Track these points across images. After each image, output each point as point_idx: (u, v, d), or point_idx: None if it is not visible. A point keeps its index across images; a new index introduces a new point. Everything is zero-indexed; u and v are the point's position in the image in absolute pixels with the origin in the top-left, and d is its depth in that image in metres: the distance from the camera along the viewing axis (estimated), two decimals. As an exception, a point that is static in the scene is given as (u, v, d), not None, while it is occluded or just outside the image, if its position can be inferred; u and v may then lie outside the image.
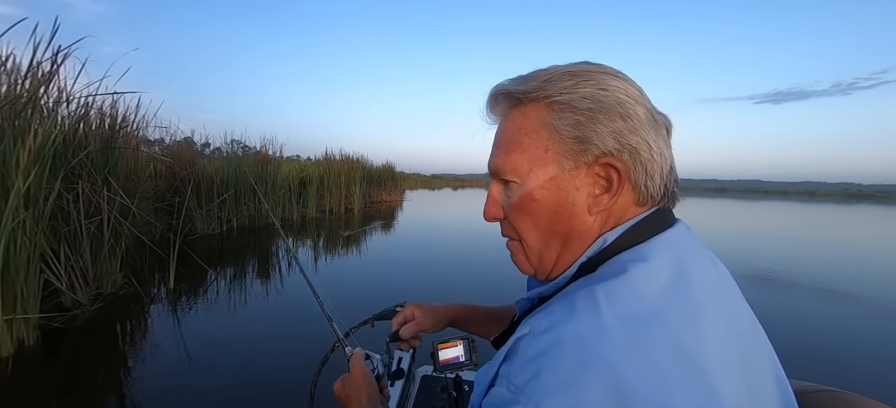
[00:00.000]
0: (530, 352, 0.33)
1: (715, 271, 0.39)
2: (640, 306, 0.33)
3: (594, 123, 0.38)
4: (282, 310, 3.28)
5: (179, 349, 2.46)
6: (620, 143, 0.38)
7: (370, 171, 13.60)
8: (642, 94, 0.40)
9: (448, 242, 7.12)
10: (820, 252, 7.66)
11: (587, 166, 0.39)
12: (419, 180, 44.73)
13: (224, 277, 4.14)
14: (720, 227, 11.51)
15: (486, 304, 0.82)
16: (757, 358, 0.37)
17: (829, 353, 2.82)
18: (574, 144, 0.39)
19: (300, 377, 2.10)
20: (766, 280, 4.74)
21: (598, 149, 0.38)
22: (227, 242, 6.10)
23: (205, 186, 6.41)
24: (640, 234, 0.38)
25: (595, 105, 0.38)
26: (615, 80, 0.39)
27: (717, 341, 0.33)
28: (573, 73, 0.39)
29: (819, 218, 17.30)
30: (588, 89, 0.38)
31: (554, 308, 0.36)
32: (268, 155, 8.28)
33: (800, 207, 26.73)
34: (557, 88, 0.39)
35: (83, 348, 2.41)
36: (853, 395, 0.42)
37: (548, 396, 0.30)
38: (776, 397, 0.36)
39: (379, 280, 4.32)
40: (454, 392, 0.81)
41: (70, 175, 2.97)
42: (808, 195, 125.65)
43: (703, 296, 0.35)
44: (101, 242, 3.10)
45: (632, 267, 0.35)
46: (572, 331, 0.32)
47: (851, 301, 4.08)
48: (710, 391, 0.30)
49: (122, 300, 3.13)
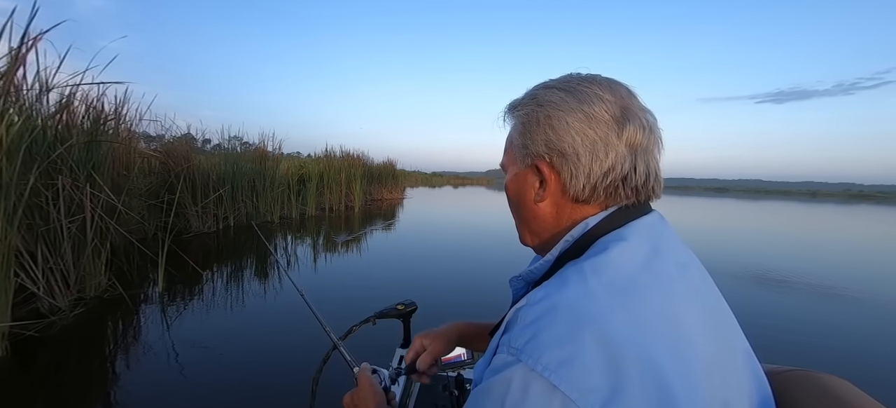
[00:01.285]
0: (528, 318, 0.37)
1: (685, 252, 0.45)
2: (622, 276, 0.38)
3: (531, 134, 0.47)
4: (279, 312, 3.08)
5: (168, 357, 2.27)
6: (549, 148, 0.46)
7: (371, 168, 13.42)
8: (604, 105, 0.45)
9: (455, 244, 6.91)
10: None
11: (528, 167, 0.49)
12: (420, 178, 44.58)
13: (218, 277, 3.93)
14: (723, 227, 11.32)
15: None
16: (726, 329, 0.42)
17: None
18: (521, 150, 0.49)
19: (299, 390, 1.93)
20: (767, 281, 4.59)
21: (533, 153, 0.47)
22: (223, 241, 5.90)
23: (200, 182, 6.20)
24: (618, 219, 0.44)
25: (531, 121, 0.47)
26: (560, 95, 0.46)
27: (687, 302, 0.39)
28: (533, 95, 0.49)
29: (839, 221, 17.09)
30: (531, 108, 0.48)
31: (547, 283, 0.41)
32: (266, 151, 8.07)
33: (803, 208, 26.55)
34: (521, 104, 0.50)
35: (60, 359, 2.20)
36: (816, 373, 0.45)
37: (545, 351, 0.34)
38: (744, 367, 0.41)
39: (379, 281, 4.15)
40: (455, 391, 0.82)
41: (50, 170, 2.76)
42: (810, 195, 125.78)
43: (673, 269, 0.41)
44: (84, 243, 2.89)
45: (613, 246, 0.41)
46: (565, 296, 0.37)
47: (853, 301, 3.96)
48: (684, 338, 0.36)
49: (107, 305, 2.92)
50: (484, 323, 0.81)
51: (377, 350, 1.01)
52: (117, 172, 3.93)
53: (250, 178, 7.39)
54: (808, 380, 0.44)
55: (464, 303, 3.52)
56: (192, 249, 5.21)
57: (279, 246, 5.87)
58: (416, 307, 1.00)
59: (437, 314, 3.29)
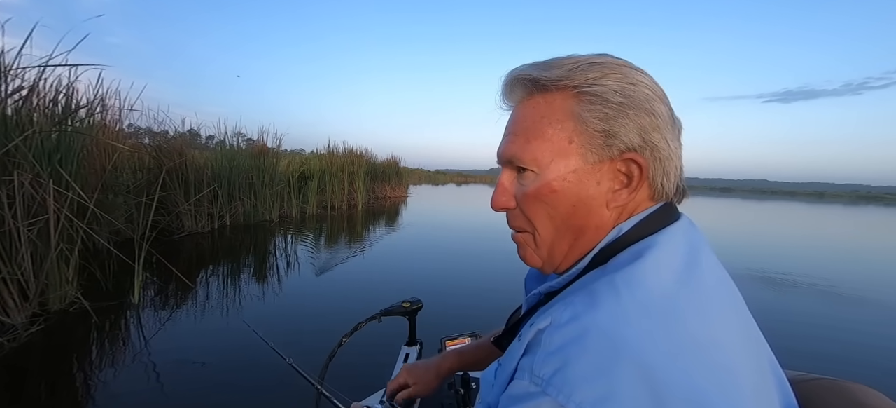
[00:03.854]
0: (554, 343, 0.32)
1: (717, 264, 0.39)
2: (658, 292, 0.33)
3: (622, 118, 0.37)
4: (278, 327, 2.69)
5: (146, 378, 1.95)
6: (644, 139, 0.38)
7: (374, 165, 13.04)
8: (664, 92, 0.40)
9: (462, 241, 6.51)
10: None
11: (610, 161, 0.39)
12: (423, 175, 44.29)
13: (209, 283, 3.54)
14: (734, 227, 10.88)
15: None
16: (757, 344, 0.37)
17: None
18: (600, 138, 0.38)
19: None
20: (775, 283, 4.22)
21: (623, 144, 0.38)
22: (218, 241, 5.51)
23: (194, 178, 5.81)
24: (651, 225, 0.39)
25: (625, 99, 0.37)
26: (642, 75, 0.39)
27: (728, 323, 0.34)
28: (600, 64, 0.38)
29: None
30: (617, 82, 0.38)
31: (573, 299, 0.35)
32: (266, 146, 7.67)
33: (814, 210, 26.05)
34: (587, 79, 0.38)
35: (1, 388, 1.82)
36: (844, 381, 0.42)
37: (579, 386, 0.30)
38: (774, 384, 0.36)
39: (385, 278, 3.89)
40: (461, 389, 0.81)
41: (4, 164, 2.37)
42: (817, 196, 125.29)
43: (712, 281, 0.36)
44: (47, 248, 2.50)
45: (647, 254, 0.35)
46: (596, 320, 0.32)
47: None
48: (727, 365, 0.31)
49: (73, 320, 2.52)
50: (484, 343, 0.75)
51: (382, 349, 1.03)
52: (97, 168, 3.54)
53: (248, 174, 7.01)
54: (835, 390, 0.41)
55: (471, 300, 3.41)
56: (184, 250, 4.84)
57: (278, 245, 5.49)
58: (421, 305, 0.99)
59: (444, 313, 3.04)
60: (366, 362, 1.87)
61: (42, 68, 2.70)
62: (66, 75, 2.98)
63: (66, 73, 2.96)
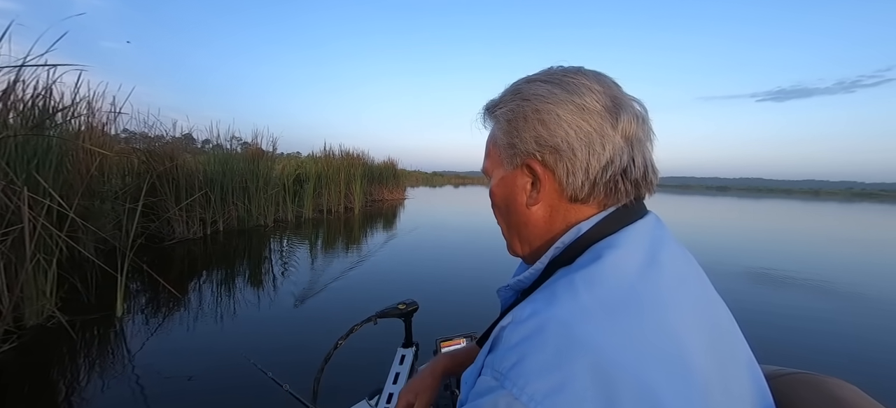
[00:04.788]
0: (513, 339, 0.34)
1: (684, 259, 0.41)
2: (616, 289, 0.34)
3: (519, 131, 0.43)
4: (274, 337, 2.56)
5: (127, 396, 1.83)
6: (541, 145, 0.42)
7: (371, 167, 12.89)
8: (594, 96, 0.41)
9: (461, 241, 6.37)
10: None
11: (517, 167, 0.44)
12: (421, 177, 44.15)
13: (198, 291, 3.39)
14: (729, 226, 10.83)
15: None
16: (728, 340, 0.39)
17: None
18: (508, 149, 0.45)
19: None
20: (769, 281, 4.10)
21: (523, 152, 0.43)
22: (210, 248, 5.35)
23: (185, 183, 5.65)
24: (612, 224, 0.41)
25: (518, 117, 0.43)
26: (546, 88, 0.42)
27: (686, 320, 0.35)
28: (515, 90, 0.45)
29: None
30: (515, 104, 0.44)
31: (535, 297, 0.38)
32: (260, 149, 7.52)
33: (809, 207, 26.11)
34: (500, 106, 0.46)
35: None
36: (819, 375, 0.43)
37: (533, 379, 0.31)
38: (747, 377, 0.38)
39: (380, 280, 3.65)
40: (457, 390, 0.82)
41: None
42: (812, 194, 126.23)
43: (672, 280, 0.37)
44: (22, 260, 2.35)
45: (606, 254, 0.37)
46: (554, 315, 0.33)
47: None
48: (682, 357, 0.33)
49: (50, 335, 2.37)
50: (473, 344, 0.79)
51: (378, 353, 1.03)
52: (82, 174, 3.39)
53: (242, 178, 6.85)
54: (810, 383, 0.42)
55: (467, 300, 3.39)
56: (174, 257, 4.68)
57: (273, 250, 5.35)
58: (417, 307, 1.00)
59: (439, 314, 2.91)
60: (362, 365, 1.87)
61: (18, 69, 2.56)
62: (44, 77, 2.84)
63: (48, 74, 2.81)
